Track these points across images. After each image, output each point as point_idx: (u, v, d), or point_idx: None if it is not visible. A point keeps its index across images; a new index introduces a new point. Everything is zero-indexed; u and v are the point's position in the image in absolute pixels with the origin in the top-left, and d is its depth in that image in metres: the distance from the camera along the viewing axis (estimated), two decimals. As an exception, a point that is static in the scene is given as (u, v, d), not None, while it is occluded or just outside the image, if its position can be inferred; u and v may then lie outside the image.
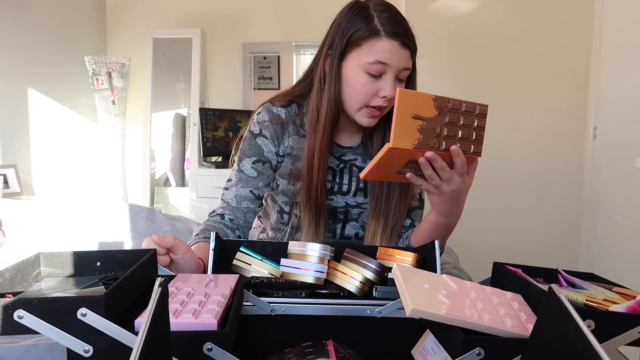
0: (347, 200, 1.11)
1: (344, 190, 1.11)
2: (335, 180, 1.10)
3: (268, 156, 1.08)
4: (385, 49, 0.95)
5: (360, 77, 0.98)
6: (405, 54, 0.97)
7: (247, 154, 1.08)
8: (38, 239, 1.66)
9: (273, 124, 1.08)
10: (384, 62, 0.96)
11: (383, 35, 0.95)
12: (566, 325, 0.43)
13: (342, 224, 1.12)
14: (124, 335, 0.52)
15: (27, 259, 0.68)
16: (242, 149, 1.10)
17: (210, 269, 0.79)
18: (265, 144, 1.08)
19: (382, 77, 0.97)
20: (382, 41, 0.95)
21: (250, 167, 1.08)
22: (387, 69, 0.96)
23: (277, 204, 1.13)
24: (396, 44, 0.95)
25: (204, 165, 3.29)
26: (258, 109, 1.12)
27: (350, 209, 1.11)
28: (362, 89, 0.98)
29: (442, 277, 0.67)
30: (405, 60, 0.97)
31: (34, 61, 2.80)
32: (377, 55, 0.96)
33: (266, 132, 1.08)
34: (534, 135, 2.59)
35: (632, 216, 2.03)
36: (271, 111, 1.09)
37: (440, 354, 0.64)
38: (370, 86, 0.98)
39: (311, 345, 0.63)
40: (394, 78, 0.97)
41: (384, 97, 0.98)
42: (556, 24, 2.53)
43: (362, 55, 0.97)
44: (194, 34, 3.28)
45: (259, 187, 1.08)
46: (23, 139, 2.72)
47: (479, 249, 2.51)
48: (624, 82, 2.14)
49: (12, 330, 0.50)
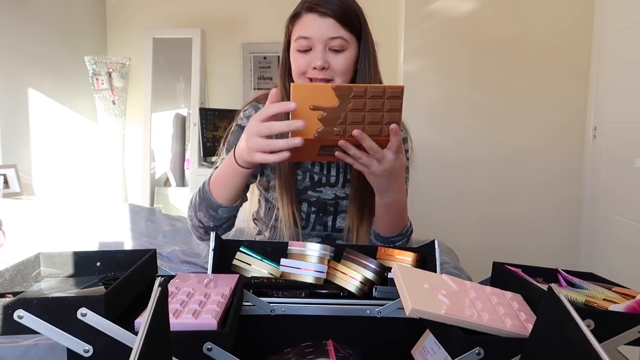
0: (336, 192, 1.11)
1: (332, 182, 1.11)
2: (323, 172, 1.11)
3: None
4: (305, 23, 1.00)
5: (295, 56, 1.02)
6: (327, 23, 0.98)
7: (235, 143, 1.09)
8: (38, 239, 1.66)
9: None
10: (305, 37, 0.99)
11: (302, 12, 1.01)
12: (566, 325, 0.43)
13: (332, 216, 1.12)
14: (123, 335, 0.52)
15: (27, 259, 0.68)
16: (230, 139, 1.13)
17: (210, 269, 0.80)
18: None
19: (311, 51, 1.00)
20: (301, 18, 1.01)
21: None
22: (312, 42, 0.99)
23: (270, 202, 1.14)
24: (314, 15, 0.99)
25: (204, 165, 3.29)
26: (245, 107, 1.16)
27: (340, 200, 1.11)
28: (295, 65, 1.02)
29: (442, 277, 0.67)
30: (328, 30, 0.98)
31: (34, 61, 2.80)
32: (299, 32, 1.00)
33: None
34: (534, 135, 2.59)
35: (632, 216, 2.02)
36: (257, 107, 1.13)
37: (440, 354, 0.64)
38: (302, 60, 1.01)
39: (311, 345, 0.63)
40: (324, 49, 0.99)
41: (314, 68, 0.99)
42: (556, 24, 2.53)
43: (293, 37, 1.03)
44: (194, 34, 3.28)
45: None
46: (23, 139, 2.72)
47: (479, 248, 2.51)
48: (624, 82, 2.14)
49: (12, 330, 0.50)
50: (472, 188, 2.65)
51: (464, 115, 2.62)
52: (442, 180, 2.64)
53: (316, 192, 1.10)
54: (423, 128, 2.58)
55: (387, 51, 3.14)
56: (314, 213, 1.11)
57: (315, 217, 1.11)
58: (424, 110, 2.63)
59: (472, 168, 2.63)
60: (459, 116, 2.63)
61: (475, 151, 2.62)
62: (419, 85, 2.61)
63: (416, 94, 2.62)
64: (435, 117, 2.63)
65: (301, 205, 1.10)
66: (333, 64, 1.00)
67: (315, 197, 1.10)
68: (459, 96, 2.62)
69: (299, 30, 1.00)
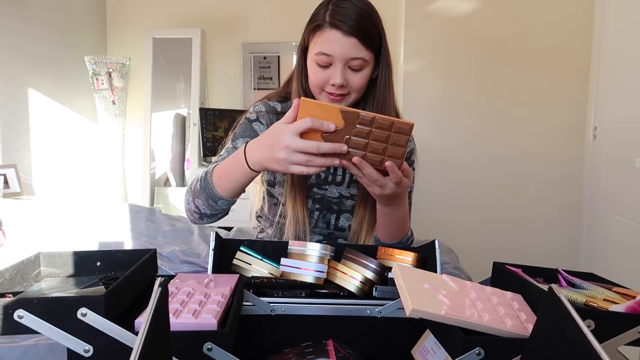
0: (340, 192, 1.11)
1: (338, 181, 1.12)
2: (330, 170, 1.12)
3: None
4: (328, 39, 0.97)
5: (312, 67, 1.01)
6: (350, 43, 0.97)
7: (242, 135, 1.10)
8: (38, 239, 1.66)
9: (269, 114, 1.12)
10: (327, 53, 0.98)
11: (326, 26, 0.98)
12: (566, 325, 0.43)
13: (336, 215, 1.12)
14: (124, 335, 0.52)
15: (27, 259, 0.68)
16: (237, 131, 1.11)
17: (210, 269, 0.79)
18: (260, 129, 1.10)
19: (330, 67, 1.00)
20: (324, 32, 0.98)
21: None
22: (332, 59, 0.98)
23: (274, 197, 1.14)
24: (338, 33, 0.96)
25: (204, 165, 3.28)
26: (256, 103, 1.15)
27: (344, 200, 1.12)
28: (314, 78, 1.01)
29: (442, 277, 0.67)
30: (350, 50, 0.97)
31: (34, 61, 2.80)
32: (320, 47, 0.98)
33: (262, 119, 1.11)
34: (534, 135, 2.59)
35: (632, 216, 2.02)
36: (268, 104, 1.13)
37: (440, 354, 0.64)
38: (321, 74, 1.00)
39: (311, 345, 0.63)
40: (344, 67, 0.99)
41: (333, 84, 0.99)
42: (556, 24, 2.53)
43: (313, 47, 1.01)
44: (194, 34, 3.28)
45: None
46: (23, 139, 2.72)
47: (479, 248, 2.51)
48: (624, 82, 2.14)
49: (12, 330, 0.50)
50: (472, 187, 2.65)
51: (463, 115, 2.62)
52: (442, 180, 2.64)
53: (321, 190, 1.11)
54: (423, 128, 2.58)
55: (387, 51, 3.14)
56: (318, 210, 1.12)
57: (319, 215, 1.12)
58: (424, 110, 2.63)
59: (471, 168, 2.63)
60: (458, 116, 2.63)
61: (475, 151, 2.62)
62: (419, 85, 2.61)
63: (416, 94, 2.62)
64: (435, 117, 2.63)
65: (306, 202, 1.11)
66: (351, 81, 1.00)
67: (320, 195, 1.11)
68: (459, 96, 2.62)
69: (321, 46, 0.98)
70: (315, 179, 1.11)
